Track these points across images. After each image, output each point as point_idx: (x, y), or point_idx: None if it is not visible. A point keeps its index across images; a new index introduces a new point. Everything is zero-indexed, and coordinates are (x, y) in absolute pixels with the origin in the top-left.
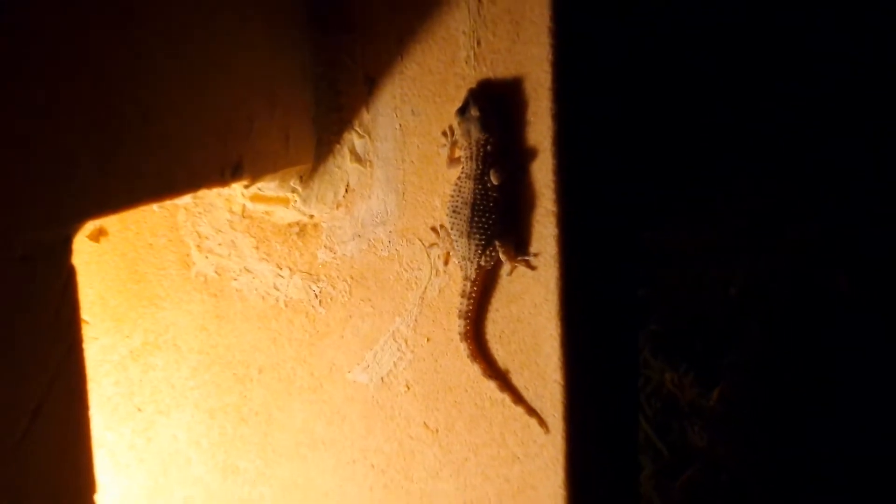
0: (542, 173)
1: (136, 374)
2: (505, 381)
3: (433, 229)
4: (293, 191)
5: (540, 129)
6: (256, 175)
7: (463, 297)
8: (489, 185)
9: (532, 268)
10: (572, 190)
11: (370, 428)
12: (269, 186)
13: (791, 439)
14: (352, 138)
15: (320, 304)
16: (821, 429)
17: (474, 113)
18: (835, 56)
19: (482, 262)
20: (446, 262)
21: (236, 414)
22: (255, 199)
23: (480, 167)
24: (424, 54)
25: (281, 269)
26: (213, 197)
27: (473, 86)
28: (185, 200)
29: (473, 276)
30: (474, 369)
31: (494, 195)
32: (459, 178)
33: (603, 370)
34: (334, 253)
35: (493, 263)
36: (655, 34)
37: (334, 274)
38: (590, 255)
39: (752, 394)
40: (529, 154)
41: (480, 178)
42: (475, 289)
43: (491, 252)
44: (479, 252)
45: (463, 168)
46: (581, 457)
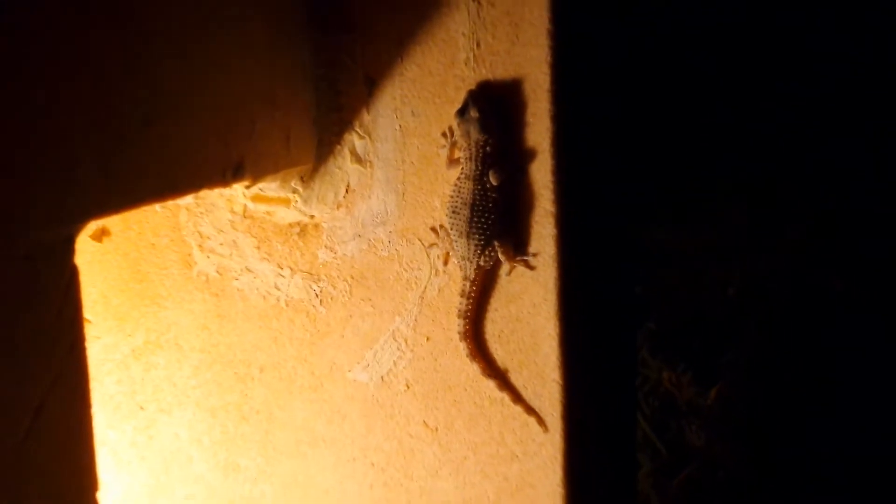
0: (541, 174)
1: (138, 373)
2: (504, 380)
3: (433, 229)
4: (294, 191)
5: (539, 130)
6: (258, 175)
7: (462, 296)
8: (488, 186)
9: (531, 268)
10: (571, 190)
11: (370, 426)
12: (270, 187)
13: (789, 438)
14: (352, 139)
15: (321, 304)
16: (819, 428)
17: (474, 114)
18: (835, 56)
19: (481, 262)
20: (446, 262)
21: (237, 412)
22: (256, 199)
23: (480, 168)
24: (424, 56)
25: (282, 268)
26: (214, 197)
27: (473, 87)
28: (187, 201)
29: (473, 276)
30: (473, 368)
31: (493, 196)
32: (459, 178)
33: (601, 369)
34: (335, 253)
35: (492, 263)
36: (655, 34)
37: (335, 274)
38: (588, 255)
39: (750, 393)
40: (528, 155)
41: (480, 179)
42: (474, 288)
43: (490, 252)
44: (479, 252)
45: (462, 169)
46: (579, 455)
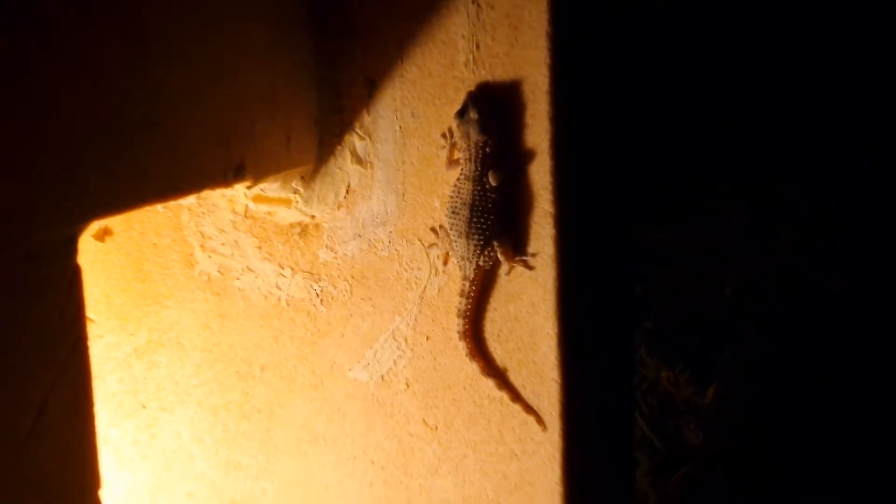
0: (540, 175)
1: (140, 372)
2: (503, 380)
3: (432, 230)
4: (295, 192)
5: (538, 131)
6: (259, 176)
7: (462, 296)
8: (488, 187)
9: (530, 268)
10: (570, 191)
11: (370, 425)
12: (271, 187)
13: (786, 438)
14: (353, 140)
15: (321, 303)
16: (816, 427)
17: (473, 115)
18: (835, 56)
19: (481, 262)
20: (445, 262)
21: (239, 411)
22: (257, 199)
23: (479, 169)
24: (424, 58)
25: (283, 268)
26: (216, 198)
27: (472, 89)
28: (189, 201)
29: (472, 276)
30: (473, 367)
31: (493, 196)
32: (458, 179)
33: (599, 368)
34: (335, 253)
35: (491, 263)
36: (655, 34)
37: (335, 273)
38: (587, 255)
39: (747, 392)
40: (527, 156)
41: (479, 180)
42: (474, 288)
43: (489, 252)
44: (478, 252)
45: (462, 169)
46: (578, 453)
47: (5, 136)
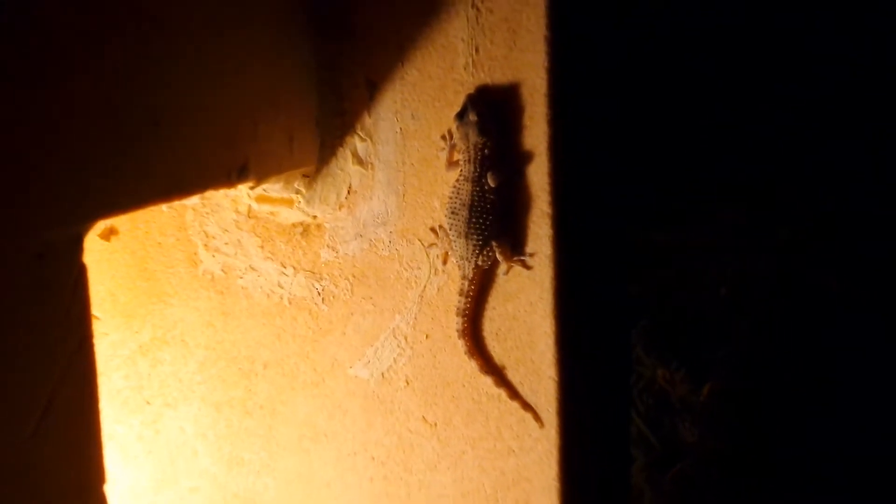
0: (538, 176)
1: (144, 369)
2: (501, 377)
3: (432, 230)
4: (297, 192)
5: (536, 133)
6: (262, 177)
7: (461, 295)
8: (486, 188)
9: (528, 267)
10: (567, 192)
11: (371, 421)
12: (273, 188)
13: (780, 435)
14: (354, 141)
15: (323, 302)
16: (809, 424)
17: (472, 118)
18: (834, 58)
19: (479, 262)
20: (445, 262)
21: (241, 407)
22: (260, 199)
23: (478, 170)
24: (424, 61)
25: (285, 267)
26: (219, 198)
27: (472, 91)
28: (193, 201)
29: (471, 276)
30: (472, 365)
31: (491, 197)
32: (458, 180)
33: (596, 366)
34: (337, 252)
35: (490, 263)
36: (654, 36)
37: (336, 272)
38: (584, 255)
39: (741, 391)
40: (526, 157)
41: (478, 181)
42: (473, 287)
43: (488, 252)
44: (477, 252)
45: (461, 171)
46: (574, 450)
47: (13, 137)
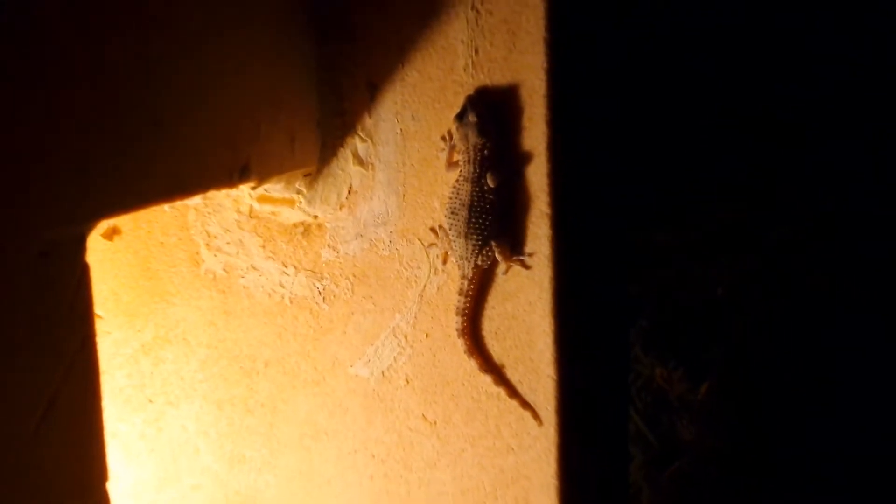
0: (537, 177)
1: (147, 367)
2: (500, 376)
3: (432, 230)
4: (298, 192)
5: (535, 134)
6: (263, 177)
7: (460, 294)
8: (486, 188)
9: (527, 267)
10: (566, 192)
11: (371, 420)
12: (275, 188)
13: (776, 433)
14: (355, 142)
15: (324, 301)
16: (806, 423)
17: (472, 118)
18: (834, 58)
19: (479, 262)
20: (445, 262)
21: (243, 406)
22: (261, 199)
23: (477, 170)
24: (424, 62)
25: (286, 267)
26: (221, 198)
27: (471, 92)
28: (195, 201)
29: (470, 275)
30: (471, 364)
31: (491, 197)
32: (457, 180)
33: (595, 365)
34: (337, 252)
35: (489, 263)
36: (654, 37)
37: (337, 272)
38: (583, 254)
39: (738, 389)
40: (525, 158)
41: (477, 181)
42: (472, 287)
43: (487, 252)
44: (476, 252)
45: (461, 171)
46: (573, 448)
47: (14, 137)
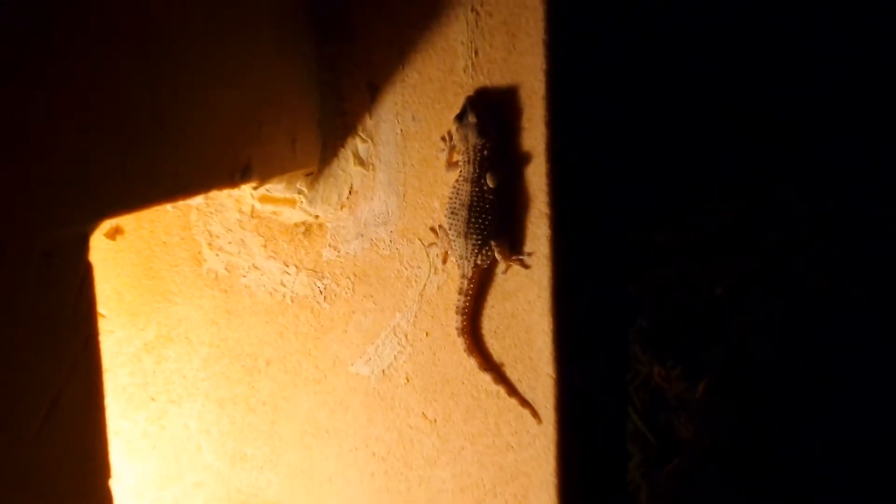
0: (536, 177)
1: (149, 366)
2: (499, 374)
3: (432, 229)
4: (300, 192)
5: (534, 135)
6: (265, 177)
7: (460, 294)
8: (485, 188)
9: (526, 267)
10: (565, 192)
11: (371, 418)
12: (276, 188)
13: (773, 431)
14: (355, 143)
15: (325, 300)
16: (803, 421)
17: (472, 119)
18: (834, 58)
19: (479, 261)
20: (444, 261)
21: (245, 404)
22: (263, 199)
23: (477, 171)
24: (425, 63)
25: (288, 266)
26: (223, 198)
27: (471, 93)
28: (198, 201)
29: (470, 275)
30: (471, 363)
31: (490, 197)
32: (457, 181)
33: (594, 364)
34: (338, 251)
35: (489, 262)
36: (654, 37)
37: (338, 271)
38: (582, 254)
39: (736, 388)
40: (524, 159)
41: (477, 181)
42: (472, 286)
43: (487, 251)
44: (476, 251)
45: (461, 171)
46: (572, 446)
47: (17, 138)
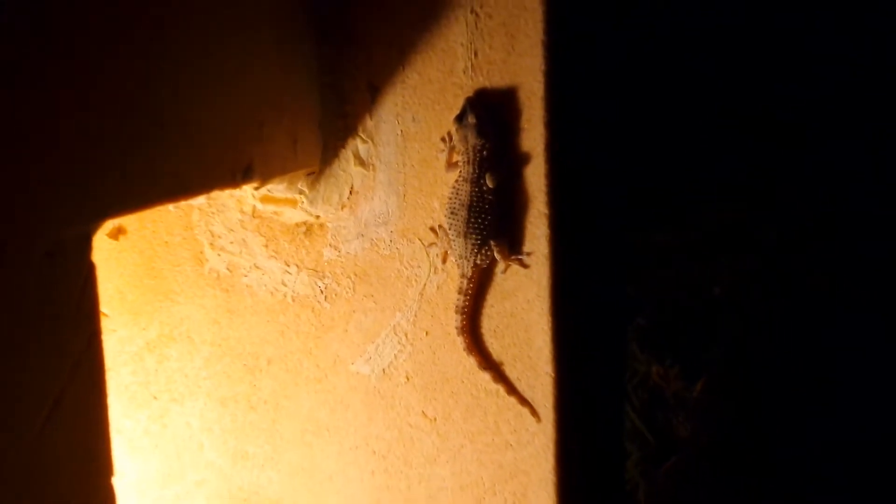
0: (535, 177)
1: (152, 365)
2: (499, 373)
3: (432, 229)
4: (301, 192)
5: (533, 135)
6: (266, 177)
7: (460, 293)
8: (485, 188)
9: (525, 266)
10: (564, 193)
11: (372, 416)
12: (278, 188)
13: (771, 430)
14: (356, 143)
15: (325, 300)
16: (800, 420)
17: (471, 120)
18: (834, 58)
19: (478, 261)
20: (444, 261)
21: (246, 402)
22: (264, 200)
23: (477, 171)
24: (425, 65)
25: (289, 266)
26: (225, 198)
27: (471, 94)
28: (199, 201)
29: (470, 274)
30: (470, 362)
31: (490, 197)
32: (457, 181)
33: (592, 363)
34: (339, 251)
35: (488, 262)
36: (654, 37)
37: (339, 271)
38: (581, 254)
39: (734, 387)
40: (523, 159)
41: (477, 182)
42: (471, 286)
43: (486, 251)
44: (476, 251)
45: (460, 172)
46: (570, 444)
47: (20, 138)
